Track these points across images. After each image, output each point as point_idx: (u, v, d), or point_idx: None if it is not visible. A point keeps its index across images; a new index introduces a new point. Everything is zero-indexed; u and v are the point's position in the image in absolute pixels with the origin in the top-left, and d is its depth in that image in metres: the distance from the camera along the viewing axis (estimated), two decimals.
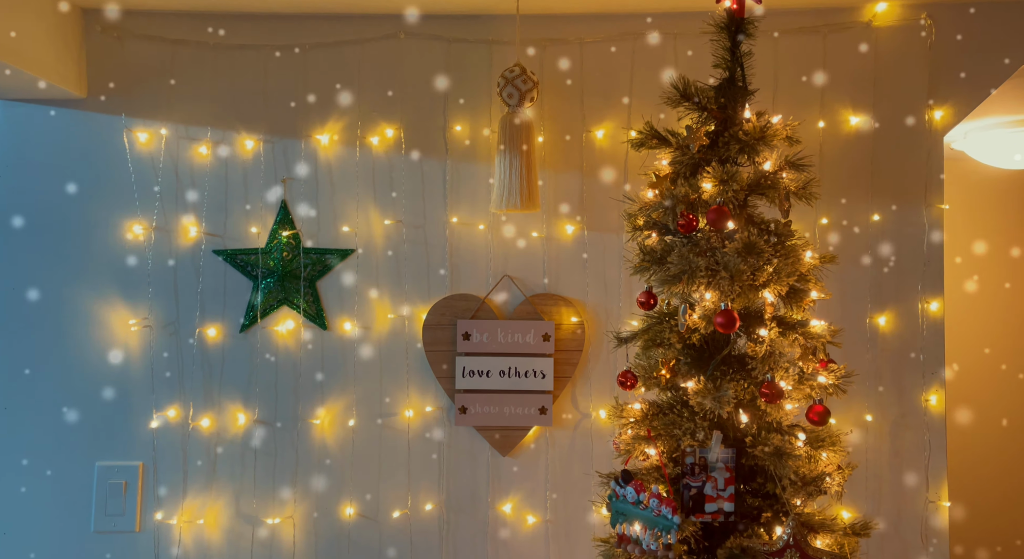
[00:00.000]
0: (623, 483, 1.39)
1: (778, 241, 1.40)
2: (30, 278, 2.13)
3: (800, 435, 1.41)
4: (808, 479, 1.35)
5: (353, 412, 2.16)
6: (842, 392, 1.41)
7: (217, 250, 2.16)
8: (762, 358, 1.36)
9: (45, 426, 2.12)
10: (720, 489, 1.35)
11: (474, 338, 2.16)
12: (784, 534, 1.30)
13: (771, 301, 1.40)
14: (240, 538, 2.13)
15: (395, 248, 2.18)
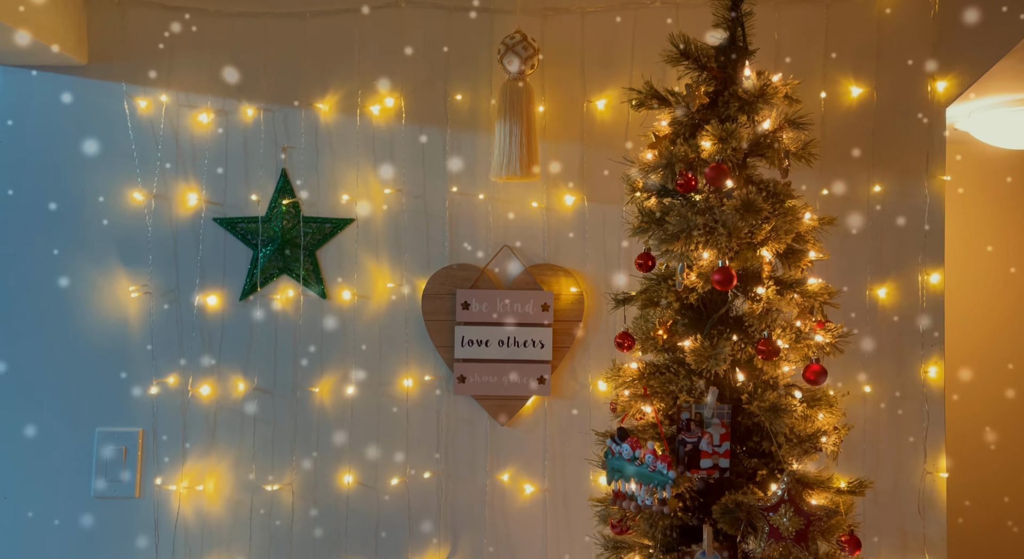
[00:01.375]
0: (619, 440, 1.39)
1: (777, 200, 1.40)
2: (29, 245, 2.14)
3: (796, 393, 1.41)
4: (804, 436, 1.35)
5: (352, 381, 2.16)
6: (839, 352, 1.41)
7: (217, 218, 2.16)
8: (759, 316, 1.36)
9: (45, 392, 2.13)
10: (716, 445, 1.35)
11: (473, 308, 2.16)
12: (779, 489, 1.30)
13: (769, 259, 1.40)
14: (239, 505, 2.14)
15: (395, 217, 2.18)
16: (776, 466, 1.38)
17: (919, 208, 2.12)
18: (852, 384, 2.10)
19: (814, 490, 1.36)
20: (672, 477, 1.30)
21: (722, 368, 1.36)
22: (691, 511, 1.41)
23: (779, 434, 1.34)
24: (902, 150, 2.12)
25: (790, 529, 1.28)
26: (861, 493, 1.42)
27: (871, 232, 2.12)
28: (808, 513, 1.29)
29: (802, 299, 1.39)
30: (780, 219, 1.37)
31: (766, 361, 1.37)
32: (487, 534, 2.15)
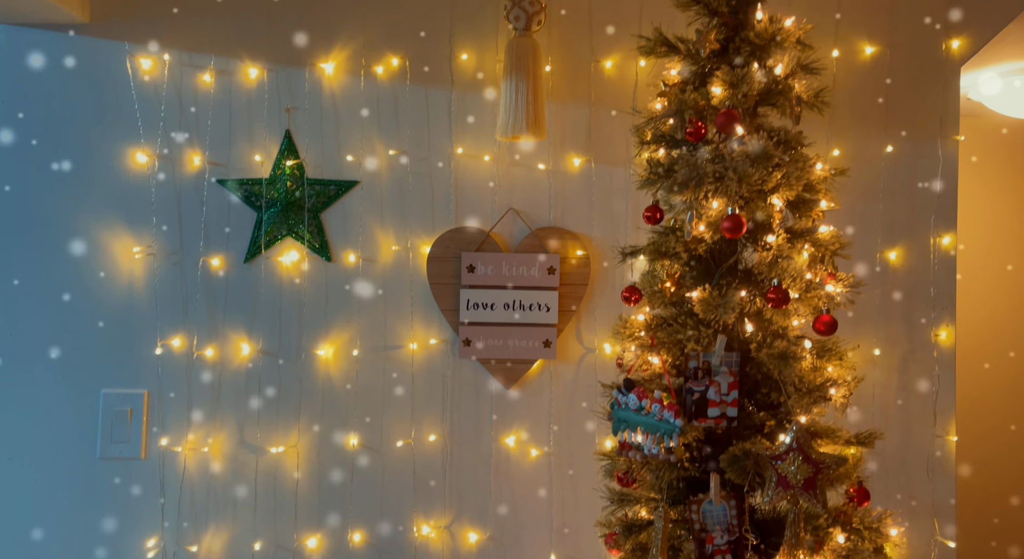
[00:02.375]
0: (625, 391, 1.37)
1: (788, 147, 1.37)
2: (32, 205, 2.13)
3: (806, 343, 1.39)
4: (813, 387, 1.33)
5: (357, 344, 2.15)
6: (850, 303, 1.39)
7: (221, 179, 2.15)
8: (769, 264, 1.34)
9: (49, 353, 2.12)
10: (723, 393, 1.33)
11: (479, 271, 2.14)
12: (787, 438, 1.29)
13: (779, 208, 1.37)
14: (244, 466, 2.14)
15: (399, 180, 2.15)
16: (785, 417, 1.36)
17: (932, 169, 2.08)
18: (862, 348, 2.07)
19: (823, 439, 1.34)
20: (679, 425, 1.29)
21: (731, 317, 1.34)
22: (698, 462, 1.40)
23: (788, 384, 1.32)
24: (915, 110, 2.08)
25: (798, 477, 1.26)
26: (870, 444, 1.40)
27: (883, 194, 2.09)
28: (817, 461, 1.27)
29: (813, 248, 1.37)
30: (791, 166, 1.34)
31: (776, 310, 1.35)
32: (492, 497, 2.14)
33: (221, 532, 2.13)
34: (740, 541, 1.32)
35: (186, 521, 2.11)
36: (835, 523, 1.36)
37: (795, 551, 1.27)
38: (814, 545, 1.31)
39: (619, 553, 1.49)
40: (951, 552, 2.07)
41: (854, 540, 1.34)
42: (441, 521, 2.15)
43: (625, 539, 1.45)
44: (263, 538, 2.13)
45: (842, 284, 1.37)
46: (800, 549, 1.27)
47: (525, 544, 2.14)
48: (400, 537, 2.14)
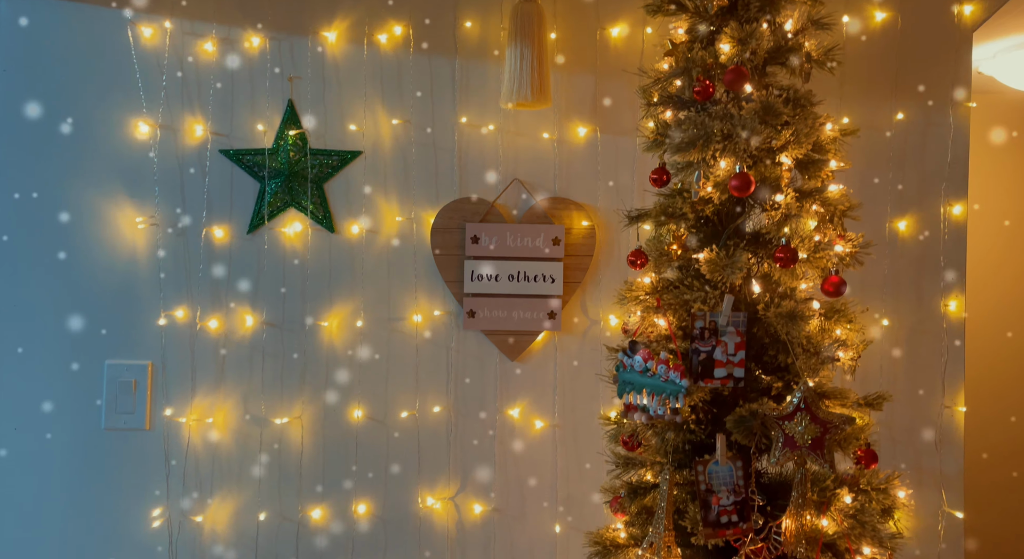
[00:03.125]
0: (631, 353, 1.36)
1: (797, 106, 1.35)
2: (34, 176, 2.11)
3: (815, 304, 1.37)
4: (820, 347, 1.31)
5: (360, 315, 2.14)
6: (859, 263, 1.37)
7: (223, 150, 2.13)
8: (777, 223, 1.32)
9: (54, 325, 2.12)
10: (730, 354, 1.32)
11: (483, 242, 2.13)
12: (795, 398, 1.27)
13: (788, 166, 1.35)
14: (248, 438, 2.14)
15: (403, 150, 2.14)
16: (792, 379, 1.35)
17: (943, 137, 2.05)
18: (870, 318, 2.05)
19: (830, 401, 1.32)
20: (684, 385, 1.27)
21: (738, 277, 1.32)
22: (704, 425, 1.39)
23: (796, 345, 1.30)
24: (926, 77, 2.05)
25: (805, 437, 1.25)
26: (878, 407, 1.38)
27: (893, 163, 2.06)
28: (824, 421, 1.26)
29: (822, 208, 1.35)
30: (800, 123, 1.32)
31: (783, 270, 1.33)
32: (497, 469, 2.14)
33: (226, 503, 2.13)
34: (746, 502, 1.31)
35: (191, 492, 2.12)
36: (842, 484, 1.34)
37: (802, 511, 1.26)
38: (821, 506, 1.30)
39: (624, 516, 1.48)
40: (958, 522, 2.05)
41: (861, 501, 1.33)
42: (446, 493, 2.14)
43: (630, 502, 1.44)
44: (268, 509, 2.13)
45: (851, 244, 1.35)
46: (807, 509, 1.26)
47: (530, 515, 2.14)
48: (405, 508, 2.14)
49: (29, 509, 2.11)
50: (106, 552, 2.11)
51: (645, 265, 1.50)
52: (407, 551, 2.13)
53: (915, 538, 2.06)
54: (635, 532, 1.45)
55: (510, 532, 2.14)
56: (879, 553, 1.33)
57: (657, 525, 1.33)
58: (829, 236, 1.35)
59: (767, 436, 1.30)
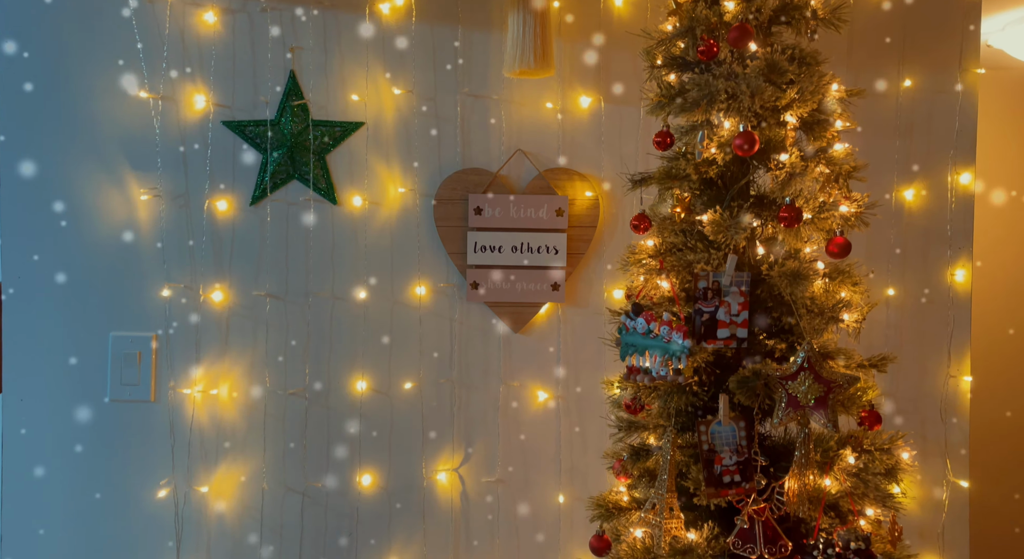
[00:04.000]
0: (633, 316, 1.35)
1: (803, 64, 1.33)
2: (35, 148, 2.11)
3: (819, 264, 1.36)
4: (825, 308, 1.30)
5: (364, 287, 2.14)
6: (864, 225, 1.35)
7: (226, 121, 2.13)
8: (782, 183, 1.31)
9: (58, 297, 2.13)
10: (733, 314, 1.31)
11: (486, 213, 2.12)
12: (798, 358, 1.26)
13: (793, 125, 1.34)
14: (252, 409, 2.15)
15: (405, 120, 2.12)
16: (796, 341, 1.34)
17: (950, 105, 2.03)
18: (876, 288, 2.04)
19: (835, 361, 1.32)
20: (687, 346, 1.27)
21: (741, 237, 1.31)
22: (707, 387, 1.38)
23: (800, 306, 1.29)
24: (934, 43, 2.02)
25: (809, 397, 1.24)
26: (883, 369, 1.38)
27: (900, 130, 2.04)
28: (828, 380, 1.25)
29: (827, 168, 1.33)
30: (805, 81, 1.30)
31: (788, 230, 1.32)
32: (501, 440, 2.14)
33: (231, 473, 2.14)
34: (749, 462, 1.30)
35: (196, 462, 2.13)
36: (845, 445, 1.34)
37: (804, 471, 1.26)
38: (824, 466, 1.30)
39: (627, 480, 1.48)
40: (963, 492, 2.05)
41: (864, 460, 1.32)
42: (450, 464, 2.15)
43: (632, 465, 1.44)
44: (273, 480, 2.14)
45: (856, 205, 1.34)
46: (810, 469, 1.26)
47: (534, 486, 2.15)
48: (409, 480, 2.15)
49: (36, 480, 2.13)
50: (113, 522, 2.13)
51: (648, 229, 1.49)
52: (412, 522, 2.15)
53: (920, 508, 2.06)
54: (638, 495, 1.45)
55: (514, 503, 2.15)
56: (882, 514, 1.33)
57: (659, 487, 1.33)
58: (834, 196, 1.34)
59: (770, 397, 1.30)
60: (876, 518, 1.34)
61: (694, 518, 1.38)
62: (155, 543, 2.13)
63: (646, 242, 1.47)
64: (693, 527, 1.33)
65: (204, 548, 2.13)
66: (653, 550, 1.28)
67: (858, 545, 1.22)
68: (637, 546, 1.31)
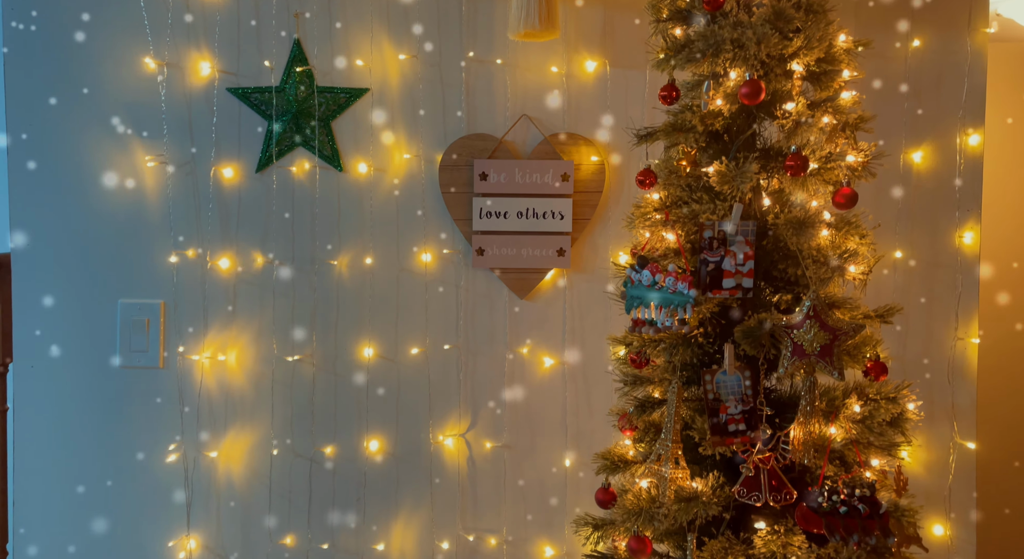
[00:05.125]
0: (639, 268, 1.35)
1: (809, 11, 1.32)
2: (39, 115, 2.12)
3: (825, 214, 1.36)
4: (831, 257, 1.30)
5: (369, 253, 2.14)
6: (871, 175, 1.35)
7: (231, 88, 2.13)
8: (788, 132, 1.30)
9: (67, 263, 2.14)
10: (739, 264, 1.30)
11: (491, 178, 2.11)
12: (804, 306, 1.26)
13: (799, 73, 1.33)
14: (260, 375, 2.16)
15: (410, 86, 2.12)
16: (801, 291, 1.33)
17: (959, 65, 2.00)
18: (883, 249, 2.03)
19: (840, 311, 1.31)
20: (692, 296, 1.27)
21: (747, 186, 1.30)
22: (712, 338, 1.38)
23: (806, 256, 1.29)
24: (943, 2, 2.00)
25: (814, 345, 1.24)
26: (889, 321, 1.37)
27: (908, 92, 2.02)
28: (834, 328, 1.25)
29: (833, 117, 1.32)
30: (812, 28, 1.29)
31: (794, 179, 1.31)
32: (507, 406, 2.15)
33: (240, 439, 2.16)
34: (754, 411, 1.30)
35: (205, 428, 2.15)
36: (850, 394, 1.34)
37: (810, 419, 1.26)
38: (829, 415, 1.30)
39: (632, 433, 1.49)
40: (970, 453, 2.05)
41: (870, 408, 1.32)
42: (457, 429, 2.16)
43: (638, 416, 1.45)
44: (281, 445, 2.16)
45: (863, 154, 1.33)
46: (815, 418, 1.26)
47: (540, 451, 2.15)
48: (416, 445, 2.16)
49: (48, 445, 2.15)
50: (123, 487, 2.15)
51: (654, 185, 1.48)
52: (419, 486, 2.16)
53: (927, 471, 2.06)
54: (643, 448, 1.46)
55: (520, 467, 2.16)
56: (887, 464, 1.33)
57: (665, 438, 1.33)
58: (841, 147, 1.33)
59: (776, 348, 1.30)
60: (882, 469, 1.34)
61: (699, 471, 1.38)
62: (165, 508, 2.15)
63: (651, 195, 1.47)
64: (698, 477, 1.33)
65: (214, 512, 2.15)
66: (658, 499, 1.28)
67: (863, 492, 1.23)
68: (643, 496, 1.31)
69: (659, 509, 1.25)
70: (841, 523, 1.20)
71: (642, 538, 1.28)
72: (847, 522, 1.20)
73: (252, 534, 2.16)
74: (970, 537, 2.06)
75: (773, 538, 1.25)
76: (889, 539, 1.21)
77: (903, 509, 1.26)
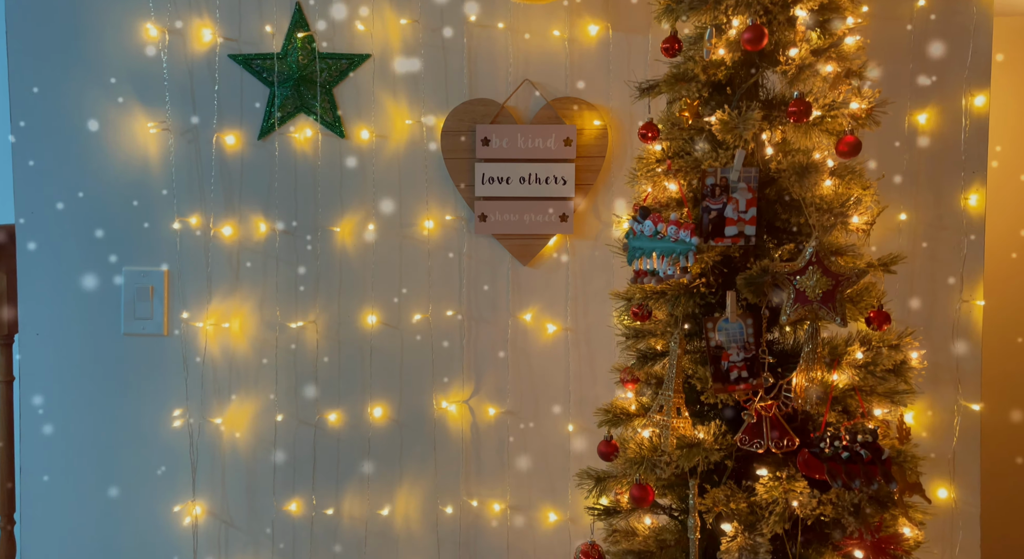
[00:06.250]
0: (641, 219, 1.35)
1: None
2: (42, 81, 2.12)
3: (829, 162, 1.35)
4: (834, 205, 1.29)
5: (372, 220, 2.14)
6: (875, 124, 1.34)
7: (232, 55, 2.12)
8: (791, 78, 1.29)
9: (70, 232, 2.15)
10: (741, 211, 1.30)
11: (494, 144, 2.11)
12: (807, 252, 1.26)
13: (803, 18, 1.31)
14: (264, 342, 2.17)
15: (412, 51, 2.11)
16: (803, 240, 1.33)
17: (964, 26, 1.98)
18: (887, 213, 2.02)
19: (843, 258, 1.31)
20: (695, 243, 1.26)
21: (749, 135, 1.29)
22: (714, 289, 1.38)
23: (809, 205, 1.28)
24: None
25: (817, 291, 1.23)
26: (892, 270, 1.36)
27: (913, 54, 2.00)
28: (836, 274, 1.24)
29: (837, 64, 1.31)
30: None
31: (797, 126, 1.30)
32: (510, 372, 2.15)
33: (244, 406, 2.17)
34: (756, 359, 1.30)
35: (209, 395, 2.16)
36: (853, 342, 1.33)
37: (812, 366, 1.25)
38: (832, 363, 1.29)
39: (634, 386, 1.48)
40: (975, 415, 2.04)
41: (872, 355, 1.32)
42: (460, 396, 2.17)
43: (640, 368, 1.45)
44: (285, 412, 2.16)
45: (867, 101, 1.32)
46: (818, 365, 1.25)
47: (543, 417, 2.16)
48: (420, 411, 2.16)
49: (53, 412, 2.16)
50: (129, 452, 2.17)
51: (656, 137, 1.48)
52: (423, 453, 2.17)
53: (931, 435, 2.05)
54: (645, 401, 1.46)
55: (524, 434, 2.16)
56: (889, 412, 1.33)
57: (667, 388, 1.33)
58: (844, 94, 1.32)
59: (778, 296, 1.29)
60: (884, 418, 1.34)
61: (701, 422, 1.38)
62: (170, 474, 2.16)
63: (654, 146, 1.46)
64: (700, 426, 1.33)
65: (219, 478, 2.17)
66: (660, 448, 1.28)
67: (865, 438, 1.22)
68: (645, 445, 1.31)
69: (661, 457, 1.25)
70: (843, 468, 1.20)
71: (644, 486, 1.28)
72: (849, 468, 1.20)
73: (257, 500, 2.17)
74: (974, 500, 2.05)
75: (775, 484, 1.25)
76: (891, 485, 1.21)
77: (905, 455, 1.26)
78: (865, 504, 1.22)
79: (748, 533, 1.20)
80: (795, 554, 1.25)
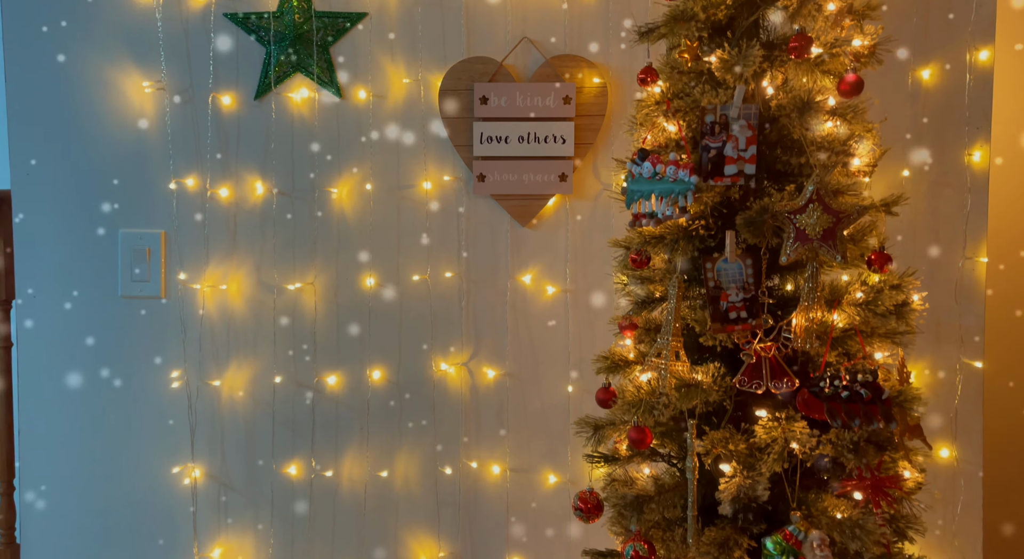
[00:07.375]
0: (639, 161, 1.33)
1: None
2: (35, 44, 2.10)
3: (830, 100, 1.33)
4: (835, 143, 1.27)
5: (370, 181, 2.13)
6: (878, 63, 1.31)
7: (228, 13, 2.10)
8: (792, 13, 1.26)
9: (66, 194, 2.13)
10: (741, 149, 1.28)
11: (492, 102, 2.09)
12: (807, 190, 1.24)
13: None
14: (262, 304, 2.16)
15: (409, 9, 2.09)
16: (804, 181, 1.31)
17: None
18: (890, 171, 1.99)
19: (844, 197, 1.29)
20: (693, 182, 1.24)
21: (749, 72, 1.27)
22: (713, 231, 1.36)
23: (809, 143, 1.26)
24: None
25: (817, 229, 1.22)
26: (894, 212, 1.35)
27: (916, 6, 1.97)
28: (837, 211, 1.22)
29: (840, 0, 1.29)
30: None
31: (798, 63, 1.28)
32: (510, 334, 2.14)
33: (243, 368, 2.16)
34: (755, 299, 1.29)
35: (208, 357, 2.15)
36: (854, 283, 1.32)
37: (812, 306, 1.24)
38: (832, 304, 1.28)
39: (632, 333, 1.47)
40: (978, 373, 2.03)
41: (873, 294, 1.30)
42: (459, 358, 2.15)
43: (638, 313, 1.43)
44: (283, 374, 2.16)
45: (870, 38, 1.30)
46: (818, 305, 1.24)
47: (543, 379, 2.15)
48: (419, 374, 2.15)
49: (51, 373, 2.16)
50: (127, 415, 2.16)
51: (656, 81, 1.45)
52: (422, 415, 2.16)
53: (934, 394, 2.04)
54: (644, 349, 1.44)
55: (523, 395, 2.15)
56: (890, 356, 1.31)
57: (665, 332, 1.32)
58: (846, 31, 1.30)
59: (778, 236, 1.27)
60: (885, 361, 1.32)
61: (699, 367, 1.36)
62: (169, 436, 2.16)
63: (653, 89, 1.44)
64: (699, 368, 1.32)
65: (218, 440, 2.16)
66: (659, 390, 1.27)
67: (865, 377, 1.21)
68: (643, 388, 1.30)
69: (659, 399, 1.24)
70: (843, 408, 1.19)
71: (642, 428, 1.27)
72: (849, 407, 1.19)
73: (256, 462, 2.16)
74: (976, 459, 2.04)
75: (774, 425, 1.24)
76: (891, 425, 1.19)
77: (906, 395, 1.25)
78: (864, 443, 1.21)
79: (746, 473, 1.19)
80: (795, 497, 1.24)
